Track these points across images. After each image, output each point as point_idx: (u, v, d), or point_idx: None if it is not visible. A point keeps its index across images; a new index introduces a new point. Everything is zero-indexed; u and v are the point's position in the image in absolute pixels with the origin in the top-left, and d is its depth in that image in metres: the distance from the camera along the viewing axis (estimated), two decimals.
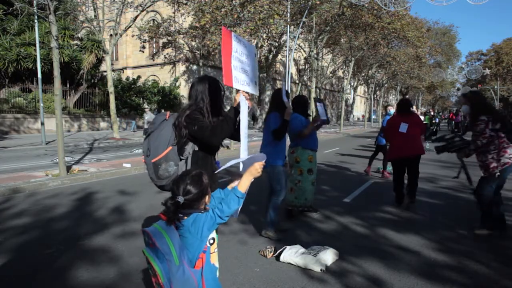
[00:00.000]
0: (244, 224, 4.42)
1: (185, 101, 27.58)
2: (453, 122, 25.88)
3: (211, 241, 1.80)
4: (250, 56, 2.48)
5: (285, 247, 3.39)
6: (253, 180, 1.85)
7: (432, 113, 23.13)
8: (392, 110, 7.91)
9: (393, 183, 5.50)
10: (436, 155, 4.82)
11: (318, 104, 4.72)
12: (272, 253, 3.42)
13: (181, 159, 2.29)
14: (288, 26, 17.94)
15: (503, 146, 3.83)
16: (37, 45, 14.90)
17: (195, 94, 2.39)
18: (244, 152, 2.26)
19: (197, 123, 2.23)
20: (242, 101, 2.29)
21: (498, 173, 3.84)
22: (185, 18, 20.96)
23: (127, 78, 25.46)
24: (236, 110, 2.33)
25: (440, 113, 46.35)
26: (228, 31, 2.24)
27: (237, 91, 2.35)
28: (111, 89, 16.15)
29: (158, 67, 28.85)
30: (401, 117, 5.42)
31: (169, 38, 21.84)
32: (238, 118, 2.36)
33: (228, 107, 2.47)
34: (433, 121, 19.86)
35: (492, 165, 3.85)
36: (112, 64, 17.34)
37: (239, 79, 2.31)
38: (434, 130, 18.49)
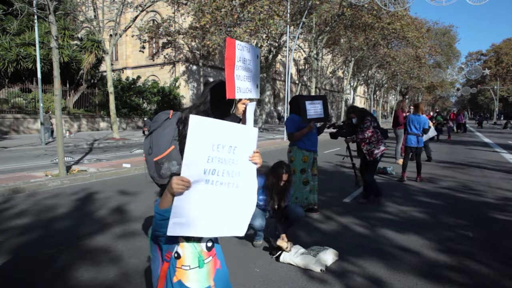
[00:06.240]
0: None
1: (185, 101, 27.58)
2: (455, 122, 25.86)
3: (175, 254, 1.53)
4: (254, 61, 2.44)
5: None
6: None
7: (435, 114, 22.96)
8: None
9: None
10: (435, 156, 4.92)
11: (306, 102, 4.57)
12: (289, 247, 3.28)
13: None
14: (288, 26, 17.93)
15: (380, 139, 5.37)
16: (37, 45, 14.88)
17: (207, 93, 2.37)
18: None
19: None
20: (249, 108, 2.28)
21: (379, 158, 5.39)
22: (185, 18, 20.99)
23: (127, 78, 25.46)
24: (239, 119, 2.30)
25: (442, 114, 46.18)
26: (232, 40, 2.19)
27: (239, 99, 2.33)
28: (111, 89, 16.15)
29: (158, 67, 28.85)
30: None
31: (169, 38, 21.85)
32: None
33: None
34: (444, 122, 19.62)
35: (375, 152, 5.32)
36: (112, 64, 17.34)
37: (242, 88, 2.29)
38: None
